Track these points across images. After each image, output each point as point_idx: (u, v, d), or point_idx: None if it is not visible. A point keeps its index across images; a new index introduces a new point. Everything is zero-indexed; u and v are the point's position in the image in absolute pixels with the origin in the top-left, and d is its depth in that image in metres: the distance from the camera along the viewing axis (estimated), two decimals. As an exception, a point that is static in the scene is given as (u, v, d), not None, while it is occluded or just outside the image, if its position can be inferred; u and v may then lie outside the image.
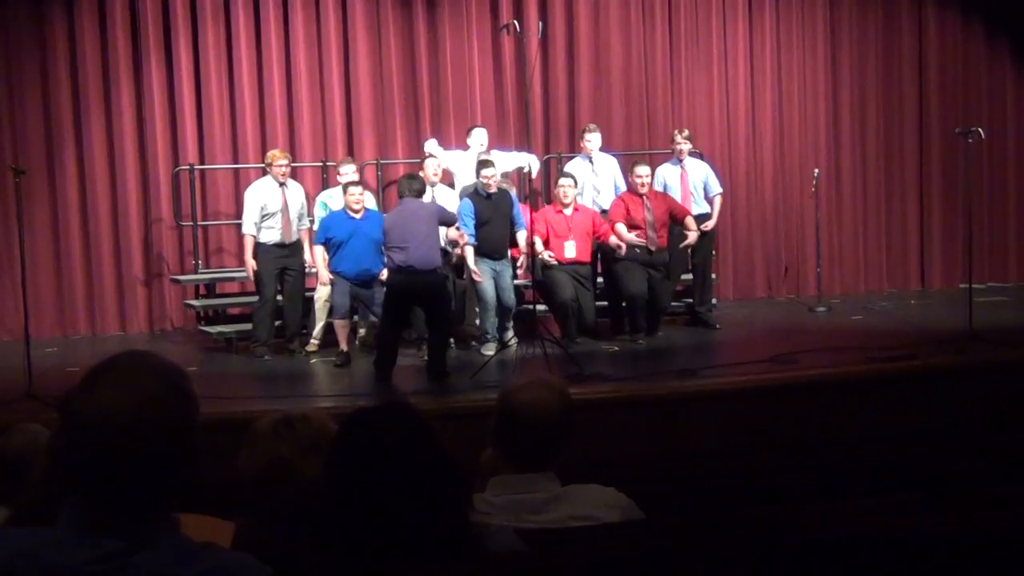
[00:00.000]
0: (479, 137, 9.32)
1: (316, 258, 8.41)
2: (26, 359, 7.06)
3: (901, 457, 5.75)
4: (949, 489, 2.94)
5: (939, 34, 11.66)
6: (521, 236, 8.55)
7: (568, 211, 8.78)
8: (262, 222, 8.57)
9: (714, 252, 9.93)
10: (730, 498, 4.40)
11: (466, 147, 9.36)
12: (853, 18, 11.51)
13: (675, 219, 9.03)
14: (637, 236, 8.74)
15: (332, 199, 8.97)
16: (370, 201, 8.88)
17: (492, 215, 8.46)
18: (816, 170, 10.68)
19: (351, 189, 8.33)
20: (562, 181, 8.89)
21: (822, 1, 11.43)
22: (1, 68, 9.93)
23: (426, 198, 8.18)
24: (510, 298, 8.50)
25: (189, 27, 10.17)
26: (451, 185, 9.35)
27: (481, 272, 8.35)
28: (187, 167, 10.03)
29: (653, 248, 8.81)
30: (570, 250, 8.70)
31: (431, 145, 9.64)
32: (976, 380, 6.97)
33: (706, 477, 5.72)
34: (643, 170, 8.96)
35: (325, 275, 8.38)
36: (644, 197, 8.91)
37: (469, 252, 8.39)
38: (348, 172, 8.95)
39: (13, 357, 7.50)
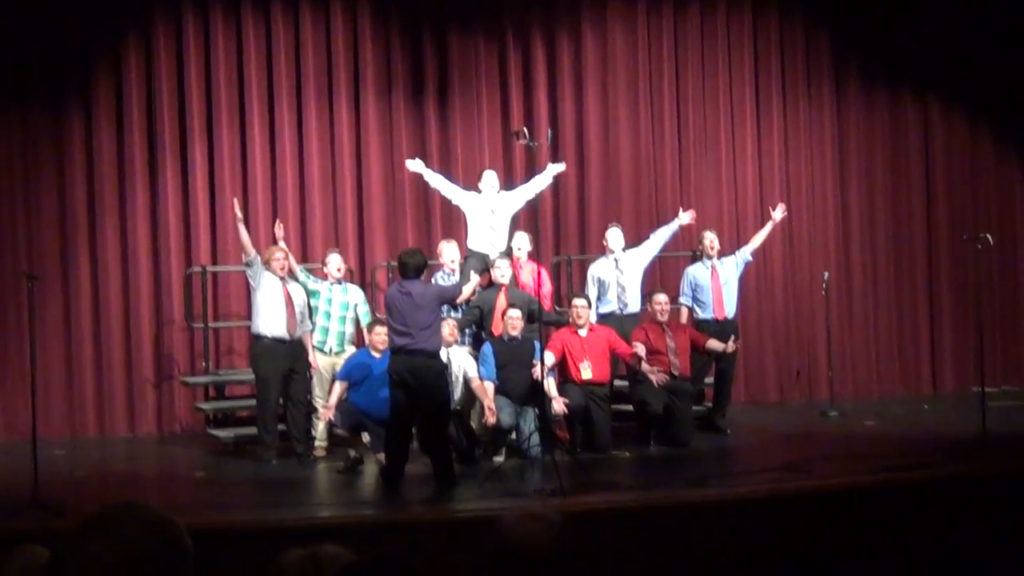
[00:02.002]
0: (490, 180, 9.28)
1: (334, 394, 8.28)
2: (33, 465, 7.02)
3: (914, 569, 5.66)
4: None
5: (945, 137, 11.77)
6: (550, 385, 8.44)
7: (583, 332, 8.69)
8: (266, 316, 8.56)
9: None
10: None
11: (478, 190, 9.35)
12: (860, 121, 11.63)
13: (697, 347, 9.02)
14: (659, 364, 8.68)
15: (319, 291, 8.95)
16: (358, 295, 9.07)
17: (510, 360, 8.41)
18: (826, 273, 10.69)
19: (378, 329, 8.30)
20: (576, 302, 8.81)
21: (829, 103, 11.57)
22: (19, 173, 10.09)
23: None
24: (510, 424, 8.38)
25: (204, 130, 10.34)
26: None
27: (499, 407, 8.17)
28: (199, 269, 10.11)
29: (676, 373, 8.77)
30: (586, 371, 8.57)
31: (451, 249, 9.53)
32: (989, 489, 6.86)
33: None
34: (662, 298, 8.99)
35: (329, 414, 8.23)
36: (664, 326, 8.92)
37: (489, 387, 8.25)
38: (334, 262, 8.98)
39: (22, 459, 7.45)
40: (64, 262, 10.15)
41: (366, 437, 8.33)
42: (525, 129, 9.14)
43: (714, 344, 9.02)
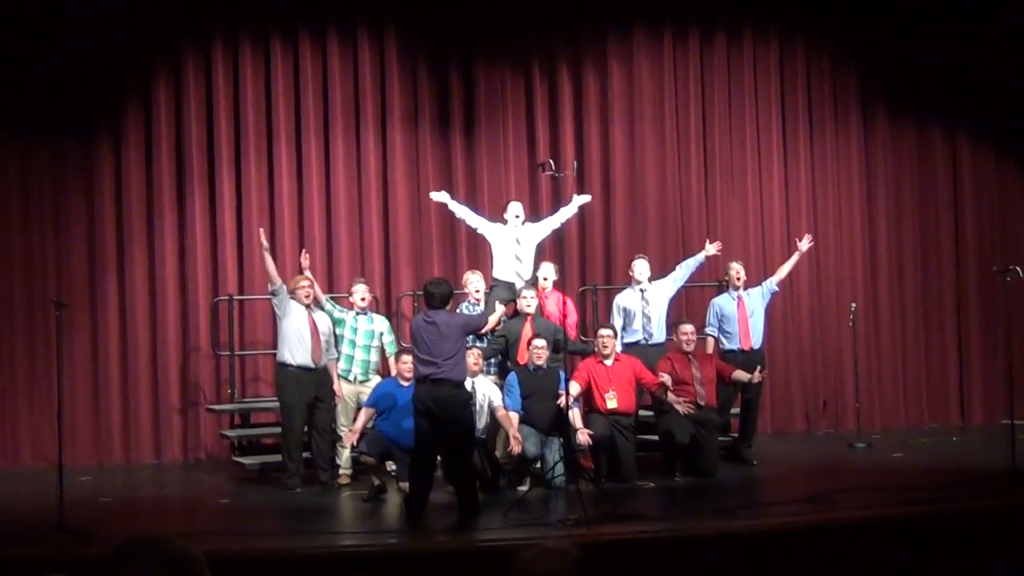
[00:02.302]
0: (515, 211, 9.30)
1: (360, 420, 8.29)
2: (58, 491, 7.06)
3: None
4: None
5: (974, 170, 11.72)
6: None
7: (609, 362, 8.67)
8: (291, 345, 8.59)
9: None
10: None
11: (504, 221, 9.36)
12: (887, 153, 11.60)
13: (723, 378, 8.99)
14: (685, 394, 8.65)
15: (345, 320, 8.99)
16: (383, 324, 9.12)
17: (536, 390, 8.42)
18: (853, 304, 10.64)
19: (404, 357, 8.33)
20: (602, 332, 8.80)
21: (856, 135, 11.55)
22: (49, 204, 10.22)
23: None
24: (535, 453, 8.36)
25: (232, 161, 10.45)
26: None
27: (525, 437, 8.16)
28: (226, 297, 10.17)
29: (703, 403, 8.74)
30: (612, 401, 8.54)
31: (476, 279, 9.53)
32: (1018, 522, 6.77)
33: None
34: (688, 328, 8.98)
35: (353, 439, 8.24)
36: (690, 355, 8.90)
37: (514, 417, 8.26)
38: (360, 291, 9.02)
39: (48, 486, 7.50)
40: (92, 291, 10.25)
41: (391, 465, 8.34)
42: (551, 161, 9.17)
43: (740, 375, 8.98)
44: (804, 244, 9.82)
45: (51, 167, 10.24)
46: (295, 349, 8.54)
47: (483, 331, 8.54)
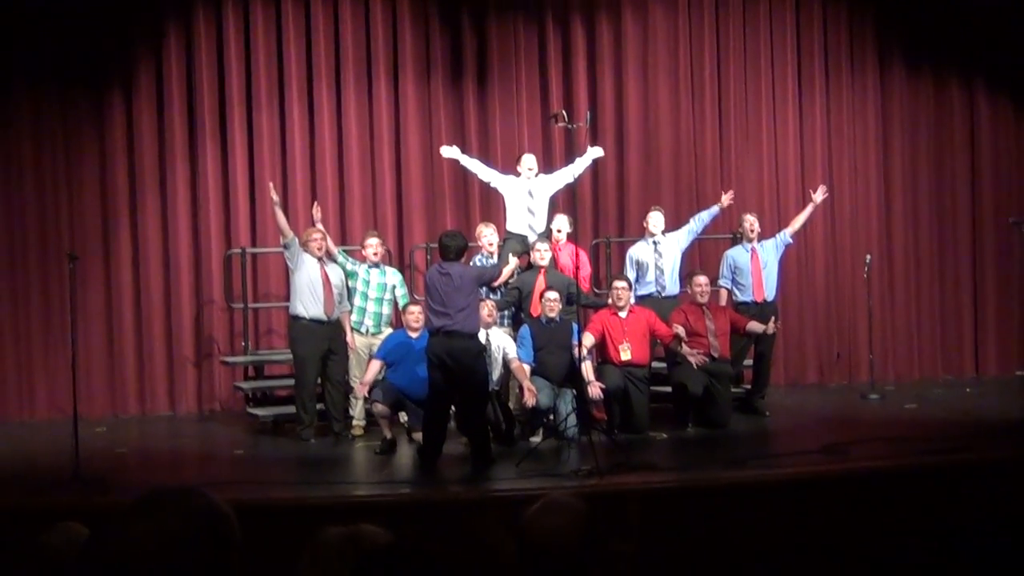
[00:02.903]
0: (528, 163, 9.28)
1: (370, 372, 8.29)
2: (74, 441, 7.11)
3: (952, 553, 5.60)
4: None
5: (991, 121, 11.58)
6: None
7: (623, 314, 8.66)
8: (304, 298, 8.60)
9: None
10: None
11: (517, 173, 9.34)
12: (904, 103, 11.47)
13: (737, 329, 8.96)
14: (698, 346, 8.63)
15: (357, 272, 8.99)
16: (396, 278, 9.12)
17: (548, 342, 8.42)
18: (868, 256, 10.58)
19: (411, 308, 8.38)
20: (616, 284, 8.78)
21: (873, 85, 11.42)
22: (61, 155, 10.21)
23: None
24: (548, 404, 8.37)
25: (244, 113, 10.40)
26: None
27: (538, 389, 8.14)
28: (239, 250, 10.17)
29: (716, 355, 8.72)
30: (625, 353, 8.54)
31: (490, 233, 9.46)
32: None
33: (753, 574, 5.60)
34: (702, 279, 8.94)
35: (363, 390, 8.27)
36: (704, 307, 8.87)
37: (526, 369, 8.27)
38: (372, 244, 9.02)
39: (64, 437, 7.55)
40: (106, 243, 10.26)
41: (404, 416, 8.37)
42: (564, 112, 9.09)
43: (755, 326, 8.96)
44: (819, 196, 9.75)
45: (63, 120, 10.22)
46: (308, 302, 8.56)
47: (496, 283, 8.54)
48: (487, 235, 9.09)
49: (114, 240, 10.27)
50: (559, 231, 9.13)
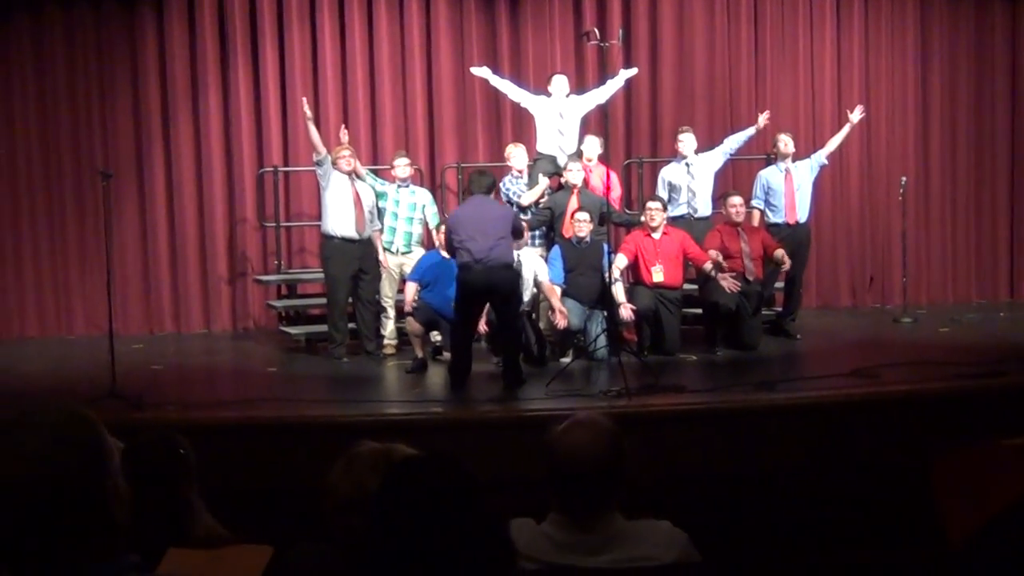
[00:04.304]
0: (559, 84, 9.19)
1: (407, 294, 8.32)
2: (110, 358, 7.22)
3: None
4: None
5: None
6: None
7: (656, 235, 8.63)
8: (335, 216, 8.62)
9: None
10: (804, 524, 4.30)
11: (548, 94, 9.25)
12: (944, 23, 11.23)
13: (766, 252, 8.90)
14: (733, 267, 8.57)
15: (387, 192, 8.99)
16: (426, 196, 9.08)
17: (579, 263, 8.40)
18: (904, 178, 10.43)
19: (444, 228, 8.34)
20: (650, 204, 8.74)
21: (913, 5, 11.17)
22: (94, 73, 10.23)
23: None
24: (578, 325, 8.37)
25: (275, 31, 10.35)
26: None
27: (569, 310, 8.17)
28: (271, 169, 10.19)
29: (751, 278, 8.68)
30: (658, 274, 8.52)
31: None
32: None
33: (781, 497, 5.63)
34: (737, 200, 8.86)
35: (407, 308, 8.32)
36: (739, 228, 8.81)
37: (557, 291, 8.28)
38: (401, 164, 8.99)
39: (100, 354, 7.66)
40: (139, 162, 10.32)
41: (436, 336, 8.43)
42: (596, 30, 8.96)
43: (779, 254, 8.86)
44: (855, 116, 9.60)
45: (95, 38, 10.22)
46: (339, 220, 8.58)
47: (524, 204, 8.51)
48: (516, 156, 9.05)
49: (147, 159, 10.32)
50: (590, 152, 9.07)
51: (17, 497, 1.75)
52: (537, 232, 8.89)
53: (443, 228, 8.43)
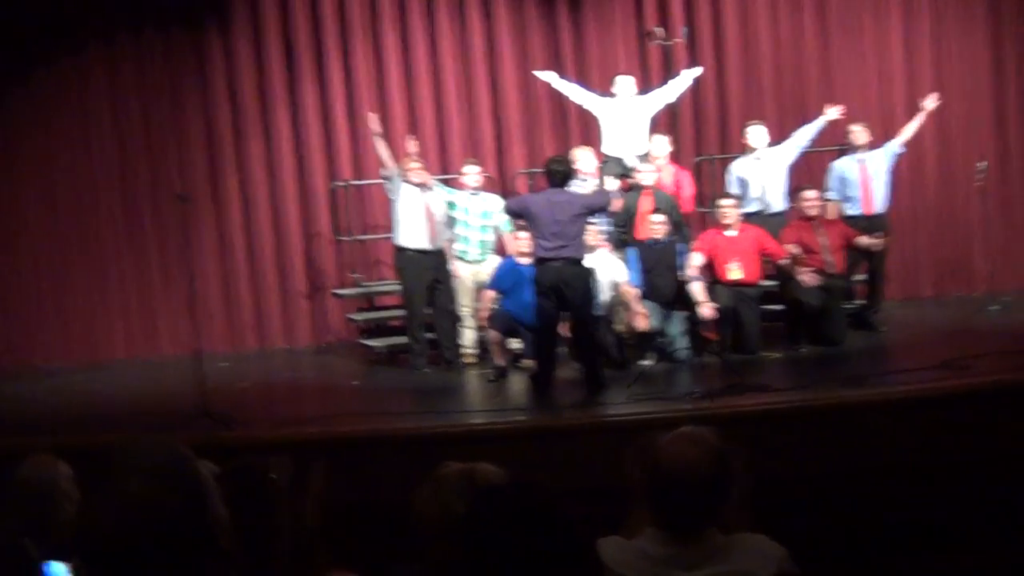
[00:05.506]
0: (624, 85, 9.18)
1: (484, 302, 8.40)
2: (199, 378, 7.34)
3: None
4: None
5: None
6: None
7: (731, 232, 8.55)
8: (407, 228, 8.68)
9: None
10: (900, 526, 4.22)
11: (613, 95, 9.25)
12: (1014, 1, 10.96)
13: (848, 242, 8.77)
14: (812, 263, 8.47)
15: (458, 202, 9.01)
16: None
17: (655, 264, 8.37)
18: (984, 161, 10.18)
19: (519, 234, 8.34)
20: (722, 202, 8.67)
21: (983, -17, 10.94)
22: (166, 97, 10.43)
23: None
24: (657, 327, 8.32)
25: (340, 45, 10.46)
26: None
27: (650, 312, 8.14)
28: (343, 183, 10.30)
29: (832, 271, 8.57)
30: (735, 272, 8.44)
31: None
32: None
33: (873, 497, 5.54)
34: (811, 193, 8.75)
35: (484, 321, 8.40)
36: (815, 222, 8.70)
37: (635, 292, 8.25)
38: (471, 173, 9.02)
39: (187, 374, 7.79)
40: (214, 182, 10.50)
41: (515, 343, 8.45)
42: (659, 29, 8.91)
43: (862, 240, 8.75)
44: (929, 103, 9.43)
45: (165, 62, 10.42)
46: (411, 232, 8.65)
47: (611, 210, 8.48)
48: (582, 159, 9.05)
49: (222, 179, 10.50)
50: (658, 152, 9.03)
51: (130, 538, 1.79)
52: (610, 234, 8.84)
53: (516, 234, 8.46)
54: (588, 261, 7.67)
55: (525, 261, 8.18)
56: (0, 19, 10.03)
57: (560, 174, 7.46)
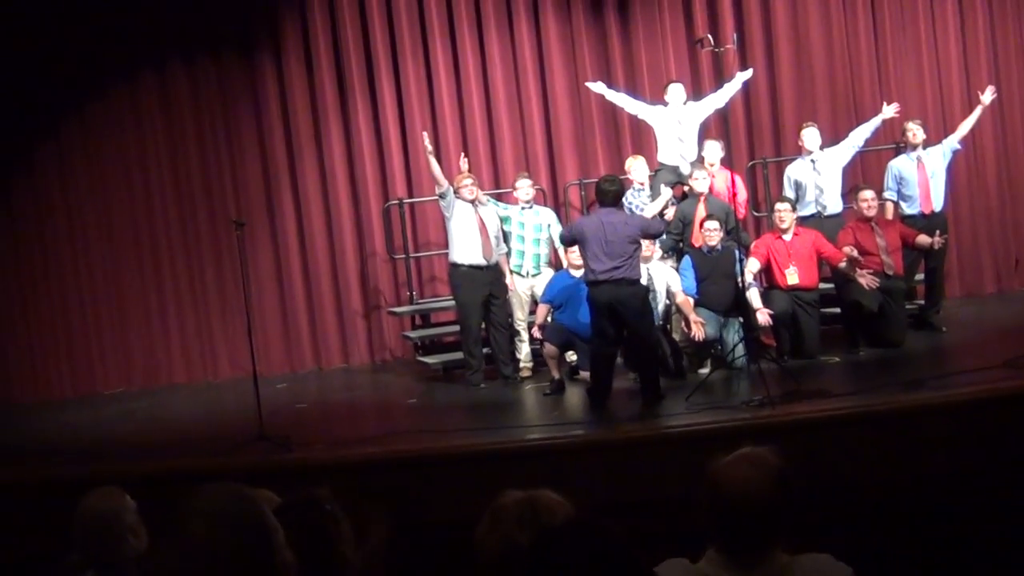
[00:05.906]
0: (675, 92, 9.18)
1: (539, 316, 8.45)
2: (256, 400, 7.40)
3: None
4: None
5: None
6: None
7: (788, 236, 8.45)
8: (461, 244, 8.70)
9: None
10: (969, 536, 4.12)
11: (665, 103, 9.24)
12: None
13: (907, 243, 8.65)
14: (870, 264, 8.34)
15: (511, 216, 9.03)
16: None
17: (711, 272, 8.30)
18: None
19: (572, 248, 8.33)
20: (778, 206, 8.57)
21: (1038, -27, 10.72)
22: (220, 122, 10.59)
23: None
24: (714, 335, 8.24)
25: (390, 64, 10.53)
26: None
27: (704, 319, 8.06)
28: (396, 201, 10.35)
29: (891, 273, 8.44)
30: (792, 277, 8.34)
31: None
32: None
33: (940, 505, 5.42)
34: (868, 194, 8.62)
35: (537, 333, 8.46)
36: (873, 223, 8.58)
37: (690, 302, 8.21)
38: (524, 186, 9.04)
39: (246, 396, 7.85)
40: (269, 205, 10.62)
41: (572, 356, 8.42)
42: (709, 36, 8.85)
43: (923, 239, 8.61)
44: (987, 97, 9.25)
45: (219, 88, 10.57)
46: (466, 248, 8.66)
47: (652, 215, 8.44)
48: (636, 168, 9.02)
49: (277, 201, 10.61)
50: (711, 157, 8.98)
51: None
52: (666, 242, 8.78)
53: (573, 248, 8.41)
54: (643, 274, 7.61)
55: (578, 274, 8.15)
56: (53, 49, 10.26)
57: (611, 194, 7.43)
